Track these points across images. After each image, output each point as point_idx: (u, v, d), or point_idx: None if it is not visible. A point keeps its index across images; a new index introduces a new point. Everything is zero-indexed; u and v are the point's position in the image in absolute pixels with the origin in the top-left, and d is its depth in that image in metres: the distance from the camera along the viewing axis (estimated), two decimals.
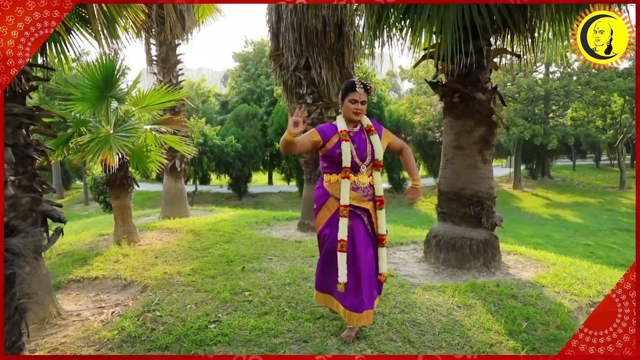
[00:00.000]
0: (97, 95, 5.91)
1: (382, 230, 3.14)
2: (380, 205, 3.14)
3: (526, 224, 16.84)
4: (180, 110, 9.32)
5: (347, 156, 2.99)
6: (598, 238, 15.20)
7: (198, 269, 4.95)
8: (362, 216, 3.08)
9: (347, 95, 3.07)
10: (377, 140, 3.11)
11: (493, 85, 5.21)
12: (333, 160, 3.05)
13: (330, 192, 3.08)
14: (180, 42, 9.47)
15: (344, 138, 3.01)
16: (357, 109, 3.05)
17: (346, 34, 6.84)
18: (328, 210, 3.09)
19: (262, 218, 8.35)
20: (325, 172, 3.16)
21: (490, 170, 5.23)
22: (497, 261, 5.09)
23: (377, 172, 3.18)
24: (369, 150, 3.08)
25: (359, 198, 3.05)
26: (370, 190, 3.12)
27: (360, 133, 3.13)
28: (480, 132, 5.04)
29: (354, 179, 3.05)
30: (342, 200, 2.99)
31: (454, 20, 4.30)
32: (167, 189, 9.56)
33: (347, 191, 2.99)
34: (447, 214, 5.21)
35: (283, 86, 7.56)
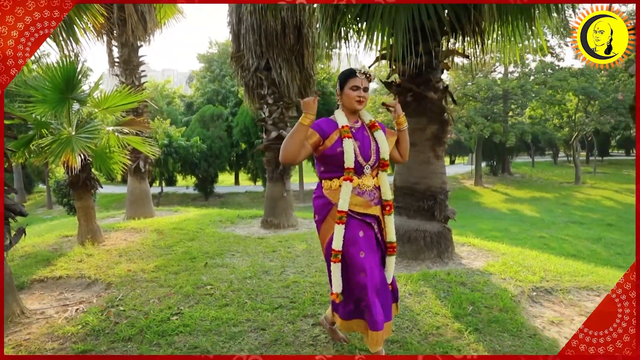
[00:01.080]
0: (58, 97, 5.90)
1: (392, 237, 2.77)
2: (389, 211, 2.75)
3: (486, 219, 17.44)
4: (143, 111, 9.32)
5: (351, 155, 2.58)
6: (552, 231, 15.86)
7: (162, 266, 5.06)
8: (373, 224, 2.69)
9: (346, 82, 2.69)
10: (382, 136, 2.73)
11: (445, 85, 5.48)
12: (333, 161, 2.62)
13: (332, 200, 2.65)
14: (142, 43, 9.48)
15: (345, 135, 2.60)
16: (360, 96, 2.66)
17: (305, 36, 7.03)
18: (334, 220, 2.63)
19: (226, 216, 8.47)
20: (324, 177, 2.72)
21: (443, 165, 5.49)
22: (451, 252, 5.36)
23: (383, 173, 2.77)
24: (373, 149, 2.69)
25: (365, 204, 2.65)
26: (377, 193, 2.72)
27: (363, 129, 2.74)
28: (433, 129, 5.29)
29: (358, 182, 2.64)
30: (340, 205, 2.58)
31: (404, 23, 4.52)
32: (132, 190, 9.56)
33: (347, 195, 2.59)
34: (402, 208, 5.44)
35: (245, 87, 7.71)
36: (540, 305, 4.06)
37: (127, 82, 9.08)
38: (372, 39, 5.05)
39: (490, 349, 3.07)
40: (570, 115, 29.17)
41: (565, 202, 23.19)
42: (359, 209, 2.63)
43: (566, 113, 29.50)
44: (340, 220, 2.58)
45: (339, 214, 2.58)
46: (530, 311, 3.89)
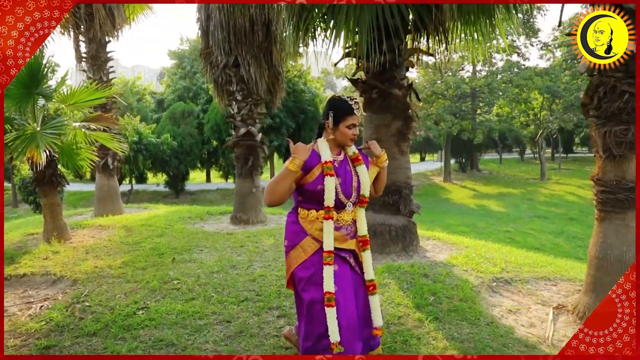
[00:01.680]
0: (22, 92, 5.84)
1: (370, 275, 2.65)
2: (364, 246, 2.65)
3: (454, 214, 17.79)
4: (111, 107, 9.21)
5: (331, 194, 2.47)
6: (518, 225, 16.30)
7: (129, 262, 5.05)
8: (348, 258, 2.59)
9: (343, 120, 2.53)
10: (364, 172, 2.63)
11: (409, 82, 5.60)
12: (313, 196, 2.52)
13: (307, 230, 2.55)
14: (110, 39, 9.36)
15: (327, 172, 2.48)
16: (355, 134, 2.56)
17: (273, 33, 7.07)
18: (303, 251, 2.54)
19: (195, 213, 8.46)
20: (301, 206, 2.60)
21: (407, 161, 5.62)
22: (415, 245, 5.49)
23: (361, 209, 2.67)
24: (354, 185, 2.58)
25: (342, 238, 2.56)
26: (353, 227, 2.64)
27: (345, 163, 2.63)
28: (397, 125, 5.41)
29: (337, 216, 2.55)
30: (326, 246, 2.47)
31: (369, 21, 4.61)
32: (100, 187, 9.45)
33: (331, 234, 2.48)
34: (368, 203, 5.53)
35: (213, 84, 7.71)
36: (500, 295, 4.20)
37: (94, 78, 8.97)
38: (338, 37, 5.13)
39: (448, 337, 3.19)
40: (535, 113, 29.93)
41: (530, 197, 23.82)
42: (335, 244, 2.51)
43: (532, 111, 30.26)
44: (329, 261, 2.45)
45: (326, 254, 2.45)
46: (490, 300, 4.04)
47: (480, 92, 27.40)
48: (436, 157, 45.43)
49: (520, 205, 21.29)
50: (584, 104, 3.81)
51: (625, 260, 3.49)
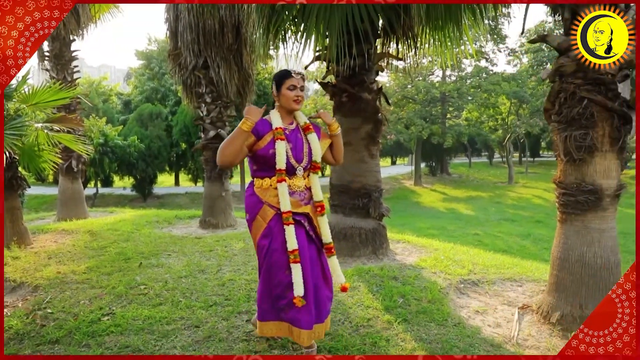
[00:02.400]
0: None
1: (328, 238, 2.81)
2: (321, 211, 2.79)
3: (424, 217, 18.00)
4: (76, 108, 9.01)
5: (282, 157, 2.63)
6: (486, 228, 16.60)
7: (94, 267, 4.93)
8: (302, 221, 2.71)
9: (283, 83, 2.71)
10: (315, 139, 2.79)
11: (379, 86, 5.64)
12: (266, 162, 2.67)
13: (263, 199, 2.69)
14: (75, 38, 9.15)
15: (278, 137, 2.64)
16: (298, 95, 2.71)
17: (244, 35, 7.03)
18: (263, 219, 2.68)
19: (163, 217, 8.33)
20: (256, 176, 2.76)
21: (377, 164, 5.65)
22: (385, 248, 5.52)
23: (314, 175, 2.83)
24: (306, 151, 2.75)
25: (295, 203, 2.69)
26: (308, 193, 2.79)
27: (297, 131, 2.79)
28: (367, 129, 5.43)
29: (289, 182, 2.69)
30: (283, 207, 2.62)
31: (338, 25, 4.63)
32: (63, 191, 9.21)
33: (285, 196, 2.63)
34: (338, 206, 5.55)
35: (182, 85, 7.62)
36: (467, 296, 4.26)
37: (58, 77, 8.76)
38: (307, 40, 5.12)
39: (417, 338, 3.21)
40: (503, 118, 30.57)
41: (499, 200, 24.29)
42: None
43: (500, 116, 30.88)
44: (287, 221, 2.61)
45: (285, 214, 2.61)
46: (457, 302, 4.09)
47: (450, 96, 27.84)
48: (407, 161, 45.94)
49: (489, 208, 21.68)
50: (546, 109, 3.91)
51: (586, 261, 3.59)
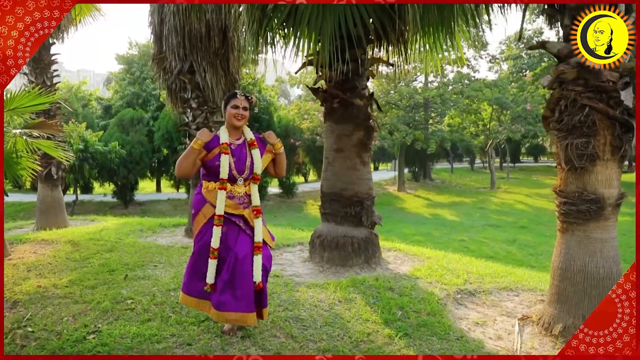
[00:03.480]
0: None
1: (258, 237, 3.20)
2: (257, 215, 3.24)
3: (409, 223, 17.94)
4: (55, 113, 8.75)
5: (225, 169, 3.10)
6: (471, 234, 16.60)
7: (76, 280, 4.71)
8: (237, 222, 3.17)
9: (228, 103, 3.20)
10: (257, 154, 3.24)
11: (370, 92, 5.54)
12: (212, 171, 3.14)
13: (207, 198, 3.17)
14: (54, 41, 8.89)
15: (223, 151, 3.11)
16: (239, 114, 3.16)
17: (230, 39, 6.88)
18: (204, 216, 3.18)
19: (147, 225, 8.09)
20: (204, 179, 3.25)
21: (369, 171, 5.55)
22: (378, 257, 5.41)
23: (254, 185, 3.30)
24: (247, 165, 3.20)
25: (234, 206, 3.16)
26: (247, 199, 3.25)
27: (242, 147, 3.23)
28: (359, 135, 5.33)
29: (230, 188, 3.16)
30: (217, 210, 3.09)
31: (331, 30, 4.52)
32: (42, 199, 8.91)
33: (222, 201, 3.10)
34: (330, 214, 5.43)
35: (167, 90, 7.42)
36: (465, 307, 4.17)
37: (37, 82, 8.48)
38: (298, 44, 5.01)
39: (420, 353, 3.09)
40: (485, 123, 30.79)
41: (482, 206, 24.37)
42: (227, 209, 3.14)
43: (482, 122, 31.10)
44: (218, 223, 3.10)
45: (217, 217, 3.10)
46: (456, 313, 4.00)
47: (433, 102, 27.96)
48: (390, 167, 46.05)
49: (473, 214, 21.73)
50: (545, 117, 3.83)
51: (588, 271, 3.52)
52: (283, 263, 5.50)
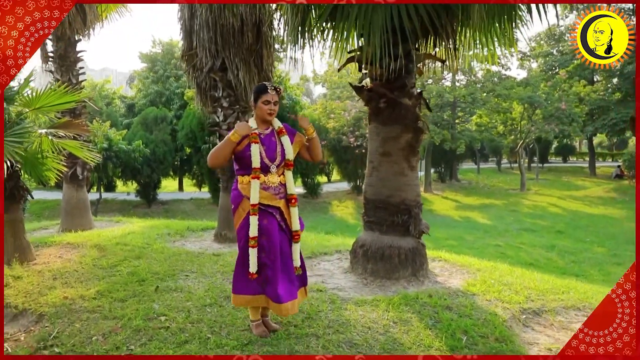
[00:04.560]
0: None
1: (296, 226, 3.25)
2: (294, 203, 3.26)
3: (440, 227, 17.29)
4: (81, 112, 8.49)
5: (257, 157, 3.12)
6: (506, 239, 15.93)
7: (104, 291, 4.39)
8: (274, 214, 3.18)
9: (259, 97, 3.20)
10: (287, 141, 3.25)
11: (419, 90, 5.12)
12: (244, 162, 3.16)
13: (243, 193, 3.18)
14: (81, 38, 8.63)
15: (253, 140, 3.14)
16: (271, 109, 3.19)
17: (265, 35, 6.50)
18: (243, 210, 3.18)
19: (174, 229, 7.77)
20: (238, 174, 3.26)
21: (417, 177, 5.13)
22: (425, 269, 5.00)
23: (288, 172, 3.28)
24: (278, 151, 3.22)
25: (269, 197, 3.16)
26: (282, 188, 3.25)
27: (271, 135, 3.26)
28: (407, 138, 4.92)
29: (264, 179, 3.16)
30: (252, 200, 3.10)
31: (382, 23, 4.13)
32: (68, 199, 8.66)
33: (256, 191, 3.11)
34: (374, 223, 5.03)
35: (197, 88, 7.07)
36: (532, 330, 3.76)
37: (62, 79, 8.22)
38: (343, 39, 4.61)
39: None
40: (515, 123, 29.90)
41: (514, 209, 23.54)
42: (263, 201, 3.14)
43: (512, 121, 30.21)
44: (254, 212, 3.09)
45: (252, 207, 3.09)
46: (525, 337, 3.58)
47: (461, 101, 27.27)
48: None
49: (505, 217, 20.97)
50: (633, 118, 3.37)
51: None
52: (322, 274, 5.11)
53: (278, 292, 3.10)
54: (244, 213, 3.17)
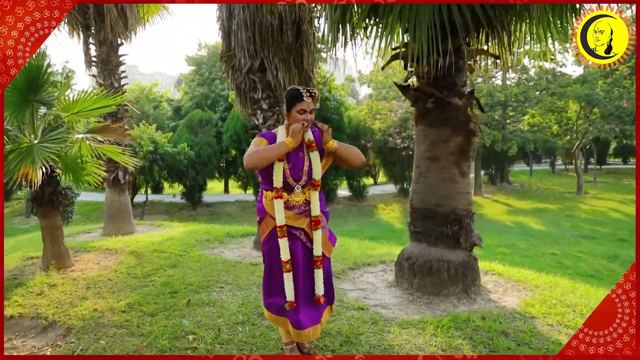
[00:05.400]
0: (18, 99, 5.17)
1: (317, 251, 2.89)
2: (315, 226, 2.89)
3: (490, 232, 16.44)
4: (123, 116, 8.46)
5: (279, 177, 2.80)
6: (563, 247, 14.94)
7: (135, 304, 4.20)
8: (299, 235, 2.88)
9: (294, 106, 2.80)
10: (316, 158, 2.88)
11: (470, 89, 4.69)
12: (266, 177, 2.87)
13: (266, 209, 2.90)
14: (123, 41, 8.61)
15: None
16: (307, 120, 2.78)
17: (305, 33, 6.20)
18: (267, 226, 2.92)
19: (214, 235, 7.59)
20: (263, 187, 2.97)
21: (468, 184, 4.71)
22: (477, 285, 4.57)
23: (314, 192, 2.91)
24: (305, 170, 2.86)
25: (293, 217, 2.86)
26: (307, 207, 2.91)
27: (300, 150, 2.88)
28: (458, 141, 4.51)
29: (287, 197, 2.86)
30: (278, 221, 2.82)
31: (429, 16, 3.76)
32: (110, 203, 8.64)
33: (281, 211, 2.81)
34: (421, 234, 4.64)
35: (236, 90, 6.84)
36: None
37: (105, 83, 8.22)
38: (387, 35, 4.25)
39: None
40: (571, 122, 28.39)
41: (570, 214, 22.22)
42: (287, 222, 2.83)
43: (567, 120, 28.70)
44: (281, 234, 2.81)
45: (279, 228, 2.81)
46: None
47: (513, 100, 26.15)
48: None
49: (561, 222, 19.78)
50: None
51: None
52: (365, 288, 4.75)
53: (299, 317, 2.84)
54: (267, 229, 2.91)
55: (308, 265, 2.90)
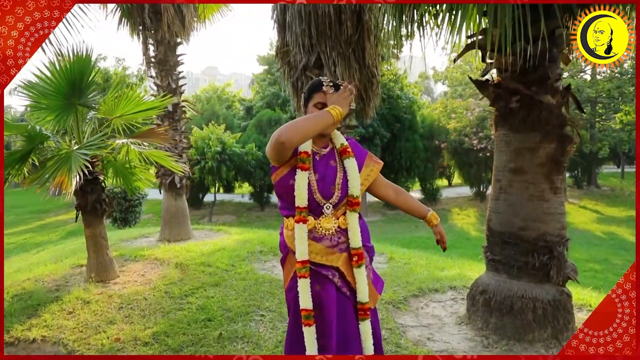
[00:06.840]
0: (61, 103, 4.98)
1: (364, 297, 2.17)
2: (357, 262, 2.16)
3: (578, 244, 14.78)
4: (180, 117, 8.16)
5: (303, 192, 2.09)
6: None
7: (161, 334, 3.73)
8: (332, 277, 2.15)
9: (311, 98, 2.18)
10: (353, 166, 2.18)
11: (565, 84, 3.80)
12: (286, 196, 2.16)
13: (288, 244, 2.18)
14: (181, 41, 8.31)
15: (300, 165, 2.09)
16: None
17: (367, 23, 5.51)
18: (291, 266, 2.20)
19: (269, 245, 7.04)
20: (282, 213, 2.26)
21: (562, 202, 3.80)
22: (571, 330, 3.69)
23: (352, 213, 2.19)
24: (339, 182, 2.17)
25: (322, 251, 2.14)
26: (341, 237, 2.18)
27: (330, 156, 2.23)
28: (549, 150, 3.65)
29: (314, 223, 2.14)
30: (298, 255, 2.10)
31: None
32: (167, 208, 8.37)
33: (304, 240, 2.10)
34: (501, 263, 3.81)
35: (292, 88, 6.29)
36: None
37: (162, 84, 7.97)
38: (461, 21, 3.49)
39: None
40: None
41: None
42: (314, 258, 2.12)
43: None
44: (302, 273, 2.11)
45: (299, 265, 2.10)
46: None
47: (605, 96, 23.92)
48: None
49: None
50: None
51: None
52: (430, 324, 3.99)
53: None
54: (291, 269, 2.20)
55: (343, 317, 2.19)
